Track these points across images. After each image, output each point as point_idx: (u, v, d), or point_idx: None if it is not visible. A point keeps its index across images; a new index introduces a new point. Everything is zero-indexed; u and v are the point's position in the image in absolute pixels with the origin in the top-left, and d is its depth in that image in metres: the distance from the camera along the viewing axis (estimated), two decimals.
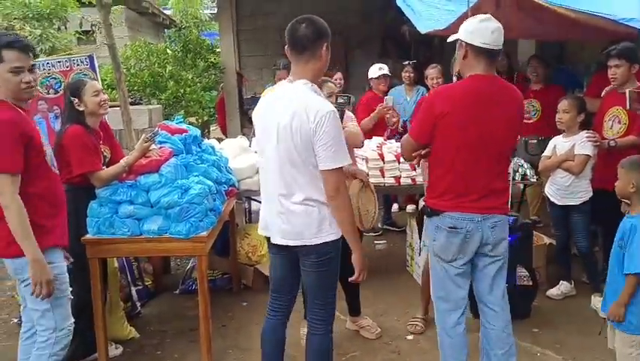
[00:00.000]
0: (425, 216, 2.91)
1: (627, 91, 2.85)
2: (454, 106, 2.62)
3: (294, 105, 2.43)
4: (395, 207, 6.42)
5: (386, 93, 5.86)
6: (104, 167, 3.34)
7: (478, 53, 2.62)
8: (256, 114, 2.66)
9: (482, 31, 2.60)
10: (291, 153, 2.45)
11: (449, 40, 2.79)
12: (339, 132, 2.45)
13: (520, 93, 2.82)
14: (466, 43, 2.64)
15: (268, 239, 2.71)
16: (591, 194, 4.05)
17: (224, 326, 4.00)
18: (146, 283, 4.47)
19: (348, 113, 3.82)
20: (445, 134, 2.66)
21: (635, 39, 4.31)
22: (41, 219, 2.58)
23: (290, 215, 2.53)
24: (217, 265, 4.68)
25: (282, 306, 2.82)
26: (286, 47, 2.53)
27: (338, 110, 2.70)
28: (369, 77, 5.92)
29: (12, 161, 2.47)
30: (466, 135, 2.63)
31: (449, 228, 2.72)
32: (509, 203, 4.77)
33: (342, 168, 2.47)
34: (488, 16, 2.68)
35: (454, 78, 3.06)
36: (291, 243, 2.57)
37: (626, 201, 2.91)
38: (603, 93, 4.36)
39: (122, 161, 3.34)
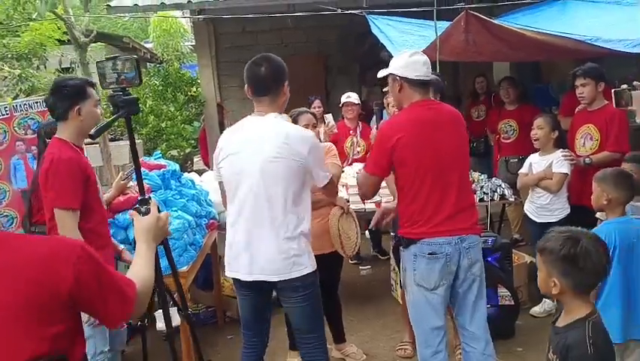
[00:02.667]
0: (401, 248, 2.91)
1: (613, 91, 2.98)
2: (405, 132, 2.70)
3: (280, 133, 2.47)
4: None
5: (354, 121, 5.72)
6: None
7: (413, 84, 2.76)
8: (229, 153, 2.59)
9: (414, 65, 2.75)
10: (272, 185, 2.46)
11: (379, 75, 2.90)
12: (323, 153, 2.65)
13: (458, 111, 2.95)
14: (400, 77, 2.76)
15: (235, 279, 2.68)
16: (569, 210, 4.10)
17: None
18: (129, 321, 4.42)
19: (331, 146, 3.82)
20: (402, 162, 2.72)
21: (604, 58, 4.44)
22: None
23: (271, 249, 2.52)
24: (200, 298, 4.66)
25: (257, 342, 2.81)
26: (246, 87, 2.57)
27: None
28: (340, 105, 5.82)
29: (73, 198, 2.59)
30: (422, 159, 2.70)
31: (429, 254, 2.74)
32: (489, 222, 4.87)
33: (332, 179, 2.69)
34: (414, 50, 2.89)
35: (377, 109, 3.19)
36: (274, 278, 2.54)
37: (601, 216, 2.97)
38: (576, 111, 4.46)
39: None
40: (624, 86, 2.89)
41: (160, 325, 2.50)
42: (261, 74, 2.52)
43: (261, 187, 2.48)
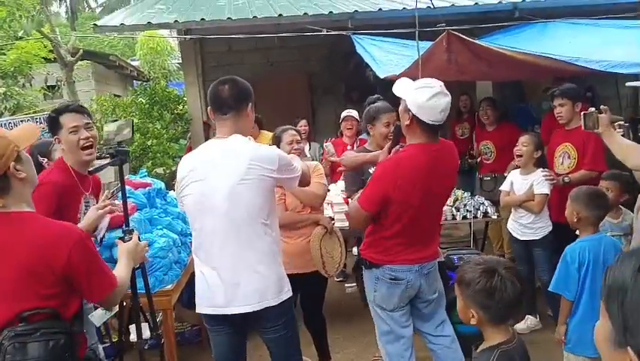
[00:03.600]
0: (363, 268, 2.94)
1: (582, 114, 3.06)
2: (403, 178, 2.67)
3: (246, 159, 2.36)
4: None
5: (352, 138, 5.77)
6: None
7: (424, 126, 2.65)
8: (192, 180, 2.45)
9: (432, 110, 2.59)
10: (241, 212, 2.37)
11: (396, 93, 2.76)
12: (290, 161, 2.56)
13: (453, 147, 2.92)
14: (412, 114, 2.64)
15: (209, 315, 2.52)
16: (551, 227, 4.17)
17: None
18: (113, 340, 4.39)
19: (317, 165, 3.82)
20: (391, 201, 2.70)
21: (584, 77, 4.55)
22: None
23: (252, 277, 2.42)
24: (185, 317, 4.63)
25: None
26: (209, 108, 2.53)
27: None
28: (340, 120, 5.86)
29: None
30: (409, 200, 2.69)
31: (390, 280, 2.79)
32: (472, 239, 4.92)
33: (303, 172, 2.60)
34: (439, 89, 2.62)
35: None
36: (251, 309, 2.42)
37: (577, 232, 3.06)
38: (555, 130, 4.56)
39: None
40: (592, 109, 2.96)
41: (132, 336, 2.62)
42: (224, 93, 2.46)
43: (233, 212, 2.36)
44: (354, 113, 5.76)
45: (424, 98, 2.59)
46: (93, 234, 2.68)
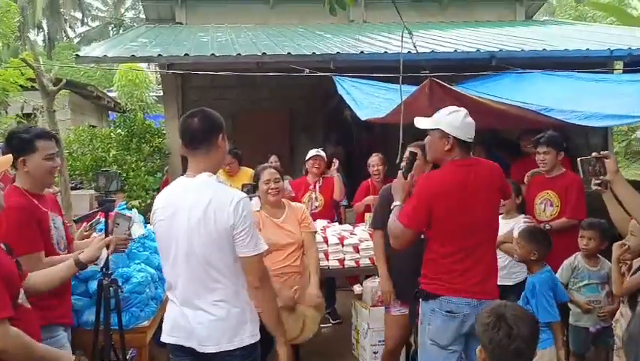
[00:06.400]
0: (421, 299, 2.94)
1: (579, 160, 2.86)
2: (448, 190, 2.80)
3: (204, 199, 2.33)
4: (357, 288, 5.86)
5: (317, 177, 5.72)
6: None
7: (463, 145, 2.86)
8: (160, 218, 2.47)
9: (468, 127, 2.85)
10: (206, 251, 2.34)
11: (422, 126, 2.94)
12: (253, 219, 2.43)
13: (495, 164, 3.05)
14: (453, 137, 2.83)
15: (174, 346, 2.49)
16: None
17: None
18: None
19: (304, 211, 3.88)
20: (440, 217, 2.79)
21: (559, 128, 4.70)
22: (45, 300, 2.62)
23: (208, 318, 2.38)
24: (158, 355, 4.50)
25: None
26: (180, 142, 2.51)
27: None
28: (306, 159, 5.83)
29: (31, 243, 2.66)
30: (459, 218, 2.79)
31: (446, 312, 2.79)
32: None
33: (262, 254, 2.42)
34: (465, 111, 2.91)
35: (404, 165, 3.14)
36: (212, 349, 2.38)
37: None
38: (526, 179, 4.71)
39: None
40: (594, 154, 2.74)
41: None
42: (194, 126, 2.42)
43: (194, 254, 2.35)
44: (321, 153, 5.79)
45: (460, 119, 2.85)
46: (95, 262, 2.70)
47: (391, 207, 3.02)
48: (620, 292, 3.34)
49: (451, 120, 2.85)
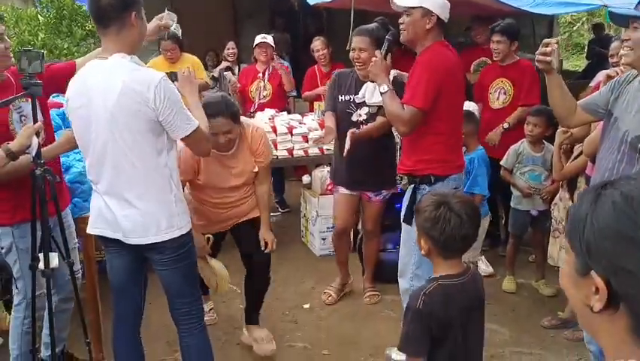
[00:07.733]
0: (426, 185, 2.83)
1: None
2: (454, 67, 2.84)
3: (118, 84, 2.15)
4: (306, 178, 5.36)
5: (266, 64, 5.50)
6: None
7: (441, 26, 2.82)
8: (74, 106, 2.31)
9: (446, 7, 2.80)
10: (127, 141, 2.21)
11: (402, 3, 2.77)
12: (179, 96, 2.27)
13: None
14: (437, 16, 2.75)
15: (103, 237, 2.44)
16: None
17: None
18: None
19: (263, 133, 3.36)
20: (450, 93, 2.80)
21: (502, 15, 4.66)
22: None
23: (133, 211, 2.29)
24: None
25: (130, 313, 2.57)
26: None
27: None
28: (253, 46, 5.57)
29: None
30: (458, 97, 2.90)
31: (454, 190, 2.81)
32: None
33: (199, 128, 2.29)
34: None
35: (382, 51, 2.97)
36: (138, 241, 2.31)
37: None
38: (472, 68, 4.80)
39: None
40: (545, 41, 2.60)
41: (41, 265, 2.51)
42: (103, 2, 2.19)
43: (116, 142, 2.21)
44: (268, 38, 5.50)
45: None
46: (27, 151, 2.47)
47: (381, 92, 2.86)
48: (560, 176, 3.48)
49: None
